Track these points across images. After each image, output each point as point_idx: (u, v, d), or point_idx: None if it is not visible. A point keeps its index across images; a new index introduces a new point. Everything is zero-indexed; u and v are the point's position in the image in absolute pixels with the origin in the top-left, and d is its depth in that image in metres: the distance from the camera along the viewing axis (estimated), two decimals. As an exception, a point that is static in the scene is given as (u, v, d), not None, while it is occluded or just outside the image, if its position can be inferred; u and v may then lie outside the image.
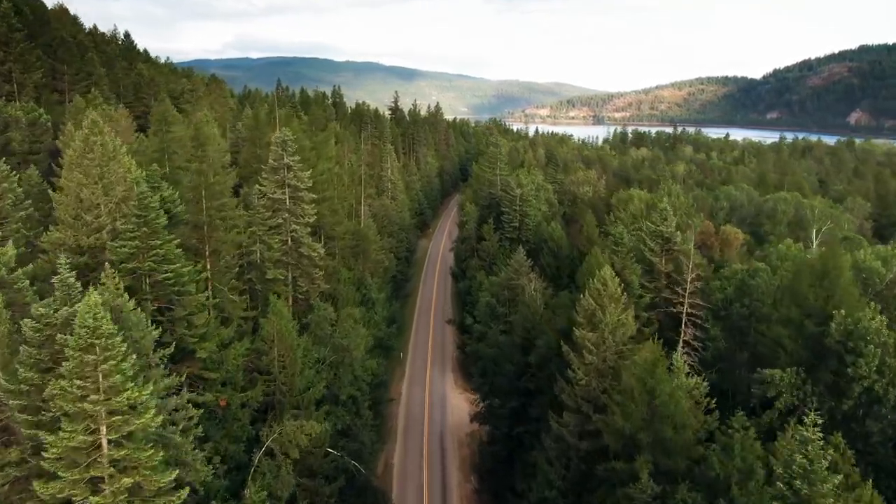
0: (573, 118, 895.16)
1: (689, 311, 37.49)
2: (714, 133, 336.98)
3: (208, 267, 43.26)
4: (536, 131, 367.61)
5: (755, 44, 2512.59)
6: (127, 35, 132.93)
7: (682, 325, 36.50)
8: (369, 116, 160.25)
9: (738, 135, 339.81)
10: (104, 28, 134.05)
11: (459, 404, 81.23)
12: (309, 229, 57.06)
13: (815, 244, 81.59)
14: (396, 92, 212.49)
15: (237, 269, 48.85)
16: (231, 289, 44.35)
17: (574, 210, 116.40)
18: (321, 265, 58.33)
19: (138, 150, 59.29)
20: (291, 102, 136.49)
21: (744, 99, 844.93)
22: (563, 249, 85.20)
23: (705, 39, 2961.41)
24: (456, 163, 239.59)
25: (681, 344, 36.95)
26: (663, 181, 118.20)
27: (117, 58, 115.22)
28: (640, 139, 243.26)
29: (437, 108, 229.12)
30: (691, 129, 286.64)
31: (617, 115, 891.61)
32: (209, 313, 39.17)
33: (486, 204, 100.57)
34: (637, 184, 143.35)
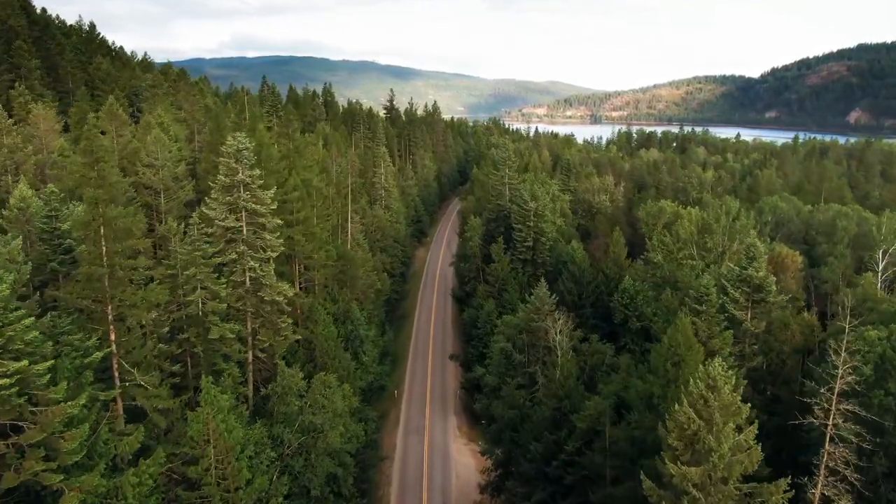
0: (570, 117, 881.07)
1: (835, 421, 23.66)
2: (717, 133, 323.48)
3: (112, 338, 29.51)
4: (536, 131, 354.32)
5: (753, 43, 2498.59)
6: (92, 26, 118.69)
7: (826, 443, 22.83)
8: (362, 116, 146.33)
9: (736, 134, 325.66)
10: (92, 23, 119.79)
11: (465, 460, 67.54)
12: (273, 265, 43.35)
13: (880, 267, 68.17)
14: (392, 90, 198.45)
15: (167, 329, 35.10)
16: (148, 366, 30.57)
17: (591, 223, 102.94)
18: (291, 308, 44.67)
19: (55, 163, 45.36)
20: (272, 101, 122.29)
21: (742, 98, 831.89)
22: (585, 274, 71.79)
23: (703, 39, 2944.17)
24: (454, 165, 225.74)
25: (822, 472, 23.25)
26: (690, 188, 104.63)
27: (76, 49, 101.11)
28: (647, 140, 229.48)
29: (435, 107, 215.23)
30: (698, 129, 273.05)
31: (614, 114, 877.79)
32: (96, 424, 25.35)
33: (493, 217, 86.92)
34: (654, 190, 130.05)
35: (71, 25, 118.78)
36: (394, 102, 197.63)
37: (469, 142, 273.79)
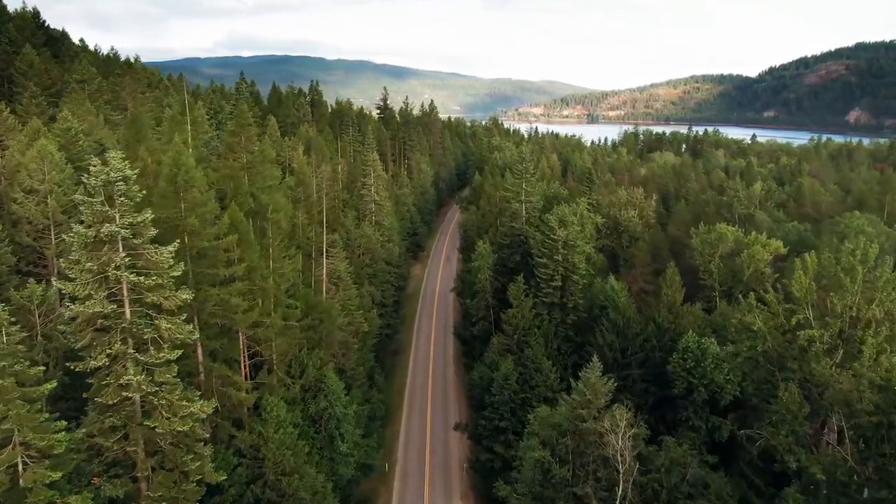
0: (567, 117, 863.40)
1: None
2: (724, 133, 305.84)
3: None
4: (536, 131, 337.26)
5: (750, 43, 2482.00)
6: (36, 13, 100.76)
7: None
8: (351, 118, 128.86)
9: (737, 134, 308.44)
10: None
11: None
12: (175, 368, 26.06)
13: None
14: (385, 88, 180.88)
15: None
16: None
17: (617, 242, 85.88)
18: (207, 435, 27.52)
19: None
20: (232, 100, 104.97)
21: (740, 97, 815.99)
22: (631, 324, 54.95)
23: (700, 38, 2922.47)
24: (452, 168, 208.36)
25: None
26: (737, 203, 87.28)
27: (8, 39, 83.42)
28: (657, 141, 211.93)
29: (432, 106, 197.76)
30: (708, 129, 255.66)
31: (611, 113, 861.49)
32: None
33: (507, 242, 69.60)
34: (683, 202, 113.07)
35: (12, 12, 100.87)
36: (388, 102, 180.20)
37: (468, 143, 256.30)
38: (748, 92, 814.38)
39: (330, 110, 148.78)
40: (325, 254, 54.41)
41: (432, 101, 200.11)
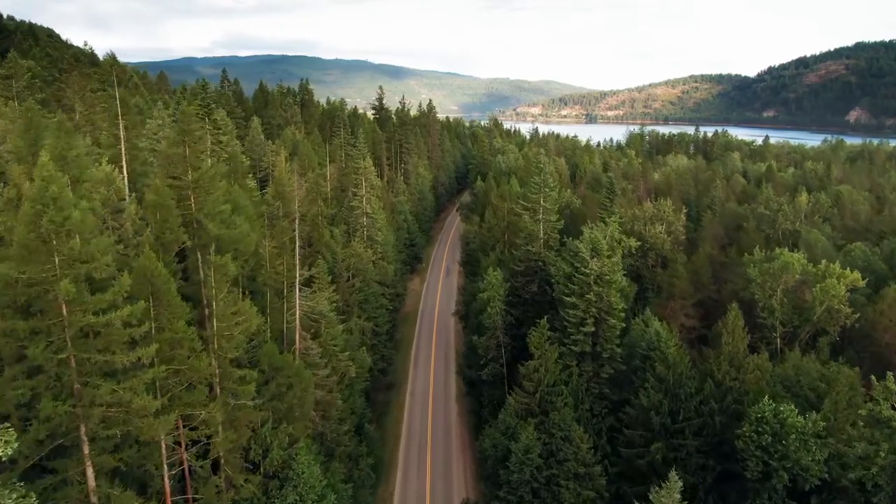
0: (565, 117, 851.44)
1: None
2: (710, 132, 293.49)
3: None
4: (536, 131, 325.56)
5: (747, 42, 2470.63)
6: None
7: None
8: (342, 119, 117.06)
9: (737, 133, 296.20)
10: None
11: None
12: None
13: None
14: (381, 88, 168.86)
15: None
16: None
17: (641, 263, 74.40)
18: None
19: None
20: (203, 98, 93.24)
21: (739, 97, 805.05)
22: (684, 381, 43.39)
23: (697, 38, 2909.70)
24: (452, 171, 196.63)
25: None
26: (781, 218, 75.65)
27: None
28: (667, 143, 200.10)
29: (430, 106, 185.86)
30: (714, 129, 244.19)
31: (610, 113, 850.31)
32: None
33: (521, 269, 57.85)
34: (709, 212, 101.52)
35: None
36: (384, 102, 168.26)
37: (467, 144, 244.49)
38: (747, 92, 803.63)
39: (321, 111, 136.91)
40: (297, 292, 42.67)
41: (430, 100, 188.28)
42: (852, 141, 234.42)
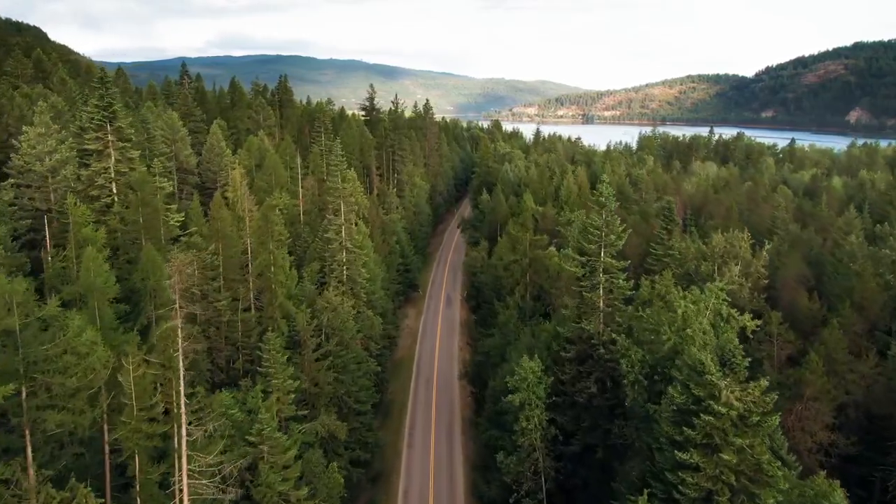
0: (562, 117, 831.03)
1: None
2: (707, 132, 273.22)
3: None
4: (538, 133, 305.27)
5: (744, 42, 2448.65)
6: None
7: None
8: (323, 122, 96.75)
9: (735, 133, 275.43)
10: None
11: None
12: None
13: None
14: (372, 86, 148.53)
15: None
16: None
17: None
18: None
19: None
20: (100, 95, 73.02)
21: (737, 97, 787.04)
22: None
23: (694, 38, 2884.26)
24: (450, 177, 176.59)
25: None
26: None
27: None
28: (687, 148, 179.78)
29: (427, 106, 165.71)
30: (731, 130, 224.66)
31: (607, 113, 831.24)
32: None
33: (572, 355, 37.82)
34: (775, 239, 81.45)
35: None
36: (374, 101, 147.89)
37: (466, 147, 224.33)
38: (745, 92, 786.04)
39: (300, 112, 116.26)
40: (185, 457, 22.51)
41: (427, 100, 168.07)
42: (852, 141, 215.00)
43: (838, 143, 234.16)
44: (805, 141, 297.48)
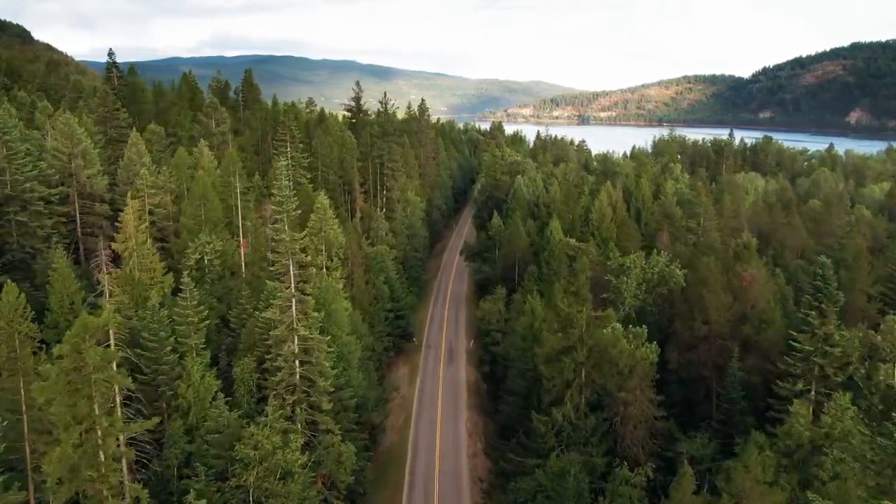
0: (557, 118, 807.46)
1: None
2: (707, 133, 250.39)
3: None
4: (539, 135, 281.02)
5: (742, 42, 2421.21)
6: None
7: None
8: (290, 129, 72.64)
9: (738, 135, 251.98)
10: None
11: None
12: None
13: None
14: (358, 84, 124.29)
15: None
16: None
17: None
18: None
19: None
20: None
21: (734, 98, 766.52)
22: None
23: (690, 38, 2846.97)
24: (449, 187, 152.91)
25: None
26: None
27: None
28: (716, 154, 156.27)
29: (422, 107, 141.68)
30: (754, 134, 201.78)
31: (603, 114, 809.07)
32: None
33: None
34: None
35: None
36: (361, 102, 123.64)
37: (464, 152, 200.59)
38: (742, 92, 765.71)
39: (262, 114, 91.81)
40: None
41: (423, 101, 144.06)
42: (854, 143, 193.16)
43: (841, 145, 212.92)
44: (805, 142, 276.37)
